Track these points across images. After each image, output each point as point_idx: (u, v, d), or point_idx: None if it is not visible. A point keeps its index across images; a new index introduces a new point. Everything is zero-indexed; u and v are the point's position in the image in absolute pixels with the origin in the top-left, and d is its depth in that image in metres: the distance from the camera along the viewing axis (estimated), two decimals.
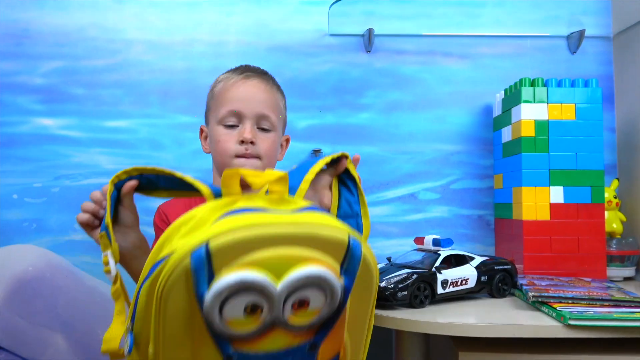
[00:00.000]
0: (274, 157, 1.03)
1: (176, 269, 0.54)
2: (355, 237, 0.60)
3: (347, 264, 0.59)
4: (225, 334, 0.56)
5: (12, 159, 1.43)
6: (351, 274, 0.59)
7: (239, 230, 0.54)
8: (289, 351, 0.59)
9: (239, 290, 0.53)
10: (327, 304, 0.58)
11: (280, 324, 0.57)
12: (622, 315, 0.83)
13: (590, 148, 1.19)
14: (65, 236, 1.42)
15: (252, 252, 0.54)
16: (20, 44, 1.44)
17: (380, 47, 1.46)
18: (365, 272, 0.61)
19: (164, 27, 1.46)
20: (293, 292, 0.55)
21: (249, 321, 0.55)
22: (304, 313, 0.57)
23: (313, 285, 0.56)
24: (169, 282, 0.54)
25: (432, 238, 1.05)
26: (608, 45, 1.46)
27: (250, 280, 0.53)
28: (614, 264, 1.24)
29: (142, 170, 0.74)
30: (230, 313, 0.54)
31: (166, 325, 0.57)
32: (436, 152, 1.45)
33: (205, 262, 0.53)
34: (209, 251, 0.53)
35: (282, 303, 0.55)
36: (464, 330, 0.85)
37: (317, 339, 0.60)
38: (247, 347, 0.57)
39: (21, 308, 1.39)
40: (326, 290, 0.57)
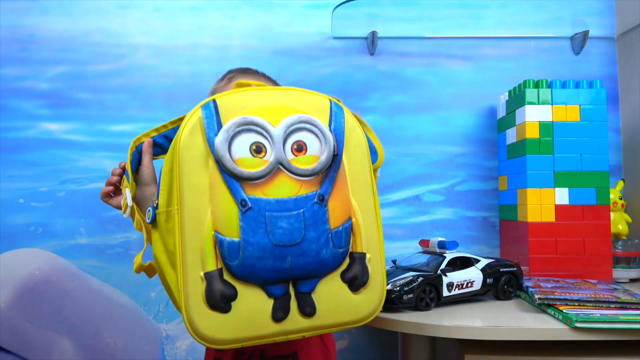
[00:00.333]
0: None
1: (191, 119, 0.65)
2: (336, 102, 0.72)
3: (334, 122, 0.70)
4: (236, 174, 0.64)
5: (18, 164, 1.43)
6: (339, 129, 0.70)
7: (239, 92, 0.68)
8: (299, 200, 0.65)
9: (243, 129, 0.64)
10: (323, 150, 0.67)
11: (284, 167, 0.65)
12: (629, 318, 0.83)
13: (595, 149, 1.19)
14: (71, 240, 1.43)
15: (251, 106, 0.67)
16: (25, 49, 1.45)
17: (384, 49, 1.47)
18: (351, 131, 0.71)
19: (168, 31, 1.46)
20: (290, 134, 0.66)
21: (255, 161, 0.64)
22: (304, 158, 0.66)
23: (305, 129, 0.67)
24: (185, 130, 0.65)
25: (437, 240, 1.05)
26: (612, 46, 1.46)
27: (252, 119, 0.65)
28: (620, 266, 1.23)
29: (159, 129, 0.83)
30: (238, 151, 0.64)
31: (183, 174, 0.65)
32: (441, 154, 1.45)
33: (213, 112, 0.66)
34: (216, 103, 0.66)
35: (282, 143, 0.65)
36: (470, 333, 0.85)
37: (323, 190, 0.66)
38: (258, 191, 0.64)
39: (28, 312, 1.39)
40: (319, 135, 0.67)
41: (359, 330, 1.41)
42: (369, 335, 1.41)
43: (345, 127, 0.70)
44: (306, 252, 0.64)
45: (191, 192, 0.64)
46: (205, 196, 0.64)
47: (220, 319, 0.63)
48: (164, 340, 1.42)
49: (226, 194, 0.63)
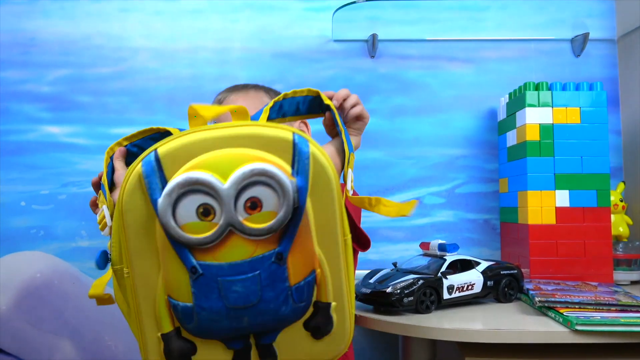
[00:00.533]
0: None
1: (130, 177, 0.59)
2: (301, 136, 0.61)
3: (297, 163, 0.60)
4: (183, 242, 0.58)
5: (19, 167, 1.44)
6: (303, 172, 0.60)
7: (185, 137, 0.60)
8: (254, 262, 0.58)
9: (187, 190, 0.57)
10: (281, 205, 0.58)
11: (236, 229, 0.58)
12: (630, 321, 0.83)
13: (596, 151, 1.19)
14: (72, 243, 1.43)
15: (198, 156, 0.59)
16: (26, 52, 1.46)
17: (384, 52, 1.47)
18: (319, 171, 0.61)
19: (169, 34, 1.47)
20: (242, 190, 0.57)
21: (203, 225, 0.57)
22: (258, 216, 0.58)
23: (261, 183, 0.57)
24: (126, 191, 0.60)
25: (437, 243, 1.05)
26: (612, 48, 1.46)
27: (196, 178, 0.56)
28: (621, 268, 1.23)
29: (130, 138, 0.78)
30: (183, 216, 0.57)
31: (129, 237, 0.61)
32: (441, 157, 1.45)
33: (155, 167, 0.59)
34: (158, 156, 0.59)
35: (232, 203, 0.57)
36: (470, 336, 0.85)
37: (281, 249, 0.59)
38: (209, 256, 0.58)
39: (29, 315, 1.39)
40: (276, 189, 0.57)
41: (359, 333, 1.41)
42: (369, 338, 1.41)
43: (310, 168, 0.60)
44: (264, 312, 0.60)
45: (139, 256, 0.62)
46: (155, 260, 0.61)
47: None
48: None
49: (175, 260, 0.59)
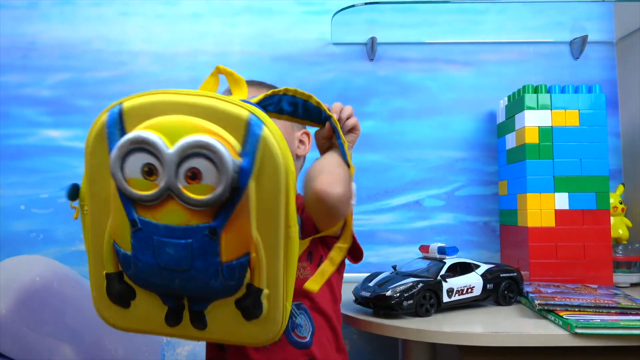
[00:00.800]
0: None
1: (96, 124, 0.63)
2: (259, 118, 0.61)
3: (247, 143, 0.60)
4: (127, 194, 0.60)
5: (19, 171, 1.44)
6: (250, 154, 0.60)
7: (149, 96, 0.62)
8: (187, 230, 0.60)
9: (136, 147, 0.59)
10: (220, 181, 0.58)
11: (175, 194, 0.59)
12: (629, 323, 0.83)
13: (595, 154, 1.19)
14: (72, 246, 1.43)
15: (155, 116, 0.61)
16: (27, 56, 1.46)
17: (384, 55, 1.47)
18: (267, 157, 0.61)
19: (168, 38, 1.47)
20: (184, 158, 0.59)
21: (146, 184, 0.60)
22: (197, 186, 0.59)
23: (203, 156, 0.58)
24: (92, 137, 0.64)
25: (437, 246, 1.05)
26: (611, 51, 1.46)
27: (145, 137, 0.59)
28: (621, 270, 1.23)
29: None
30: (130, 171, 0.60)
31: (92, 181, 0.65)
32: (440, 159, 1.45)
33: (117, 120, 0.62)
34: (122, 110, 0.62)
35: (174, 169, 0.59)
36: (470, 339, 0.85)
37: (216, 224, 0.60)
38: (149, 214, 0.61)
39: (29, 318, 1.39)
40: (217, 164, 0.58)
41: (359, 337, 1.41)
42: (369, 341, 1.41)
43: (259, 151, 0.60)
44: (194, 279, 0.62)
45: (94, 199, 0.66)
46: (107, 205, 0.64)
47: (120, 312, 0.69)
48: (165, 347, 1.42)
49: (121, 210, 0.62)
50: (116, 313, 0.69)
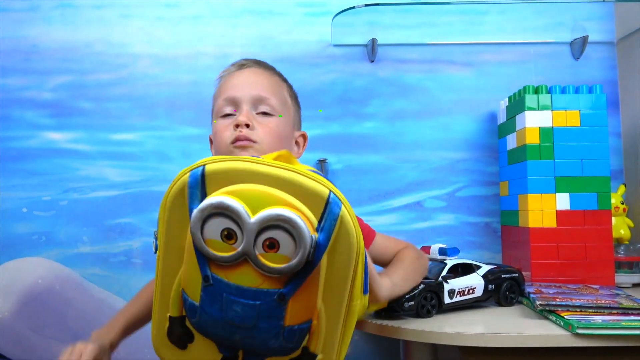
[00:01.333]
0: (279, 144, 0.91)
1: (177, 183, 0.65)
2: (337, 196, 0.63)
3: (325, 220, 0.62)
4: (204, 252, 0.63)
5: (21, 173, 1.44)
6: (327, 231, 0.62)
7: (233, 162, 0.64)
8: (258, 293, 0.62)
9: (218, 212, 0.61)
10: (297, 254, 0.60)
11: (251, 259, 0.62)
12: (631, 324, 0.83)
13: (596, 154, 1.19)
14: (74, 249, 1.43)
15: (236, 183, 0.63)
16: (28, 59, 1.46)
17: (384, 56, 1.47)
18: (343, 235, 0.63)
19: (169, 40, 1.48)
20: (264, 229, 0.61)
21: (224, 246, 0.62)
22: (273, 255, 0.61)
23: (283, 229, 0.60)
24: (172, 194, 0.66)
25: (438, 247, 1.05)
26: (612, 51, 1.46)
27: (228, 205, 0.61)
28: (622, 270, 1.23)
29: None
30: (209, 232, 0.62)
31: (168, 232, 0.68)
32: (441, 160, 1.45)
33: (199, 182, 0.64)
34: (204, 173, 0.64)
35: (253, 237, 0.61)
36: (472, 340, 0.85)
37: (285, 291, 0.62)
38: (222, 273, 0.63)
39: (31, 320, 1.40)
40: (296, 238, 0.60)
41: (360, 338, 1.41)
42: (370, 342, 1.41)
43: (335, 229, 0.62)
44: (255, 337, 0.64)
45: (168, 249, 0.68)
46: (180, 255, 0.67)
47: (177, 353, 0.71)
48: None
49: (195, 265, 0.64)
50: (172, 353, 0.72)
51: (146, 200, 1.44)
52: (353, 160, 1.45)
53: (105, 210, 1.43)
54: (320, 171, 1.42)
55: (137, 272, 1.42)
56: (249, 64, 0.95)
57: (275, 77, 0.97)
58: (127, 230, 1.43)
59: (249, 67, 0.95)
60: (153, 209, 1.43)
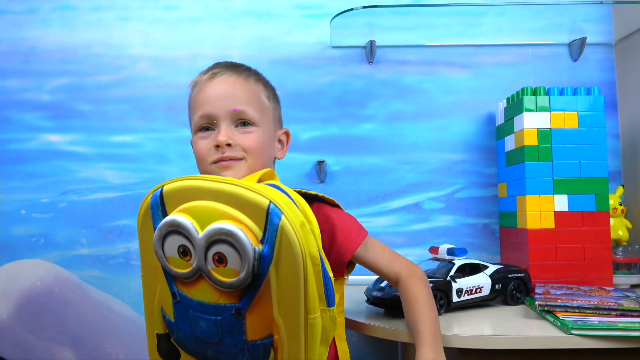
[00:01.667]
0: (264, 153, 0.88)
1: (143, 205, 0.70)
2: (278, 207, 0.63)
3: (267, 231, 0.63)
4: (167, 270, 0.67)
5: (20, 175, 1.44)
6: (270, 242, 0.63)
7: (186, 181, 0.67)
8: (217, 308, 0.65)
9: (172, 230, 0.65)
10: (243, 267, 0.62)
11: (205, 274, 0.64)
12: (627, 325, 0.83)
13: (594, 156, 1.19)
14: (72, 251, 1.43)
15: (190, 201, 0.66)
16: (27, 61, 1.47)
17: (382, 58, 1.47)
18: (285, 245, 0.63)
19: (168, 42, 1.48)
20: (212, 243, 0.63)
21: (182, 263, 0.65)
22: (224, 270, 0.63)
23: (227, 242, 0.62)
24: (140, 216, 0.70)
25: (446, 248, 1.08)
26: (610, 52, 1.46)
27: (179, 222, 0.64)
28: (621, 272, 1.23)
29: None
30: (169, 250, 0.66)
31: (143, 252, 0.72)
32: (440, 162, 1.45)
33: (159, 202, 0.68)
34: (162, 193, 0.68)
35: (203, 252, 0.63)
36: (469, 342, 0.85)
37: (241, 305, 0.64)
38: (186, 290, 0.67)
39: (29, 322, 1.40)
40: (239, 250, 0.62)
41: (359, 339, 1.41)
42: (369, 344, 1.41)
43: (277, 239, 0.62)
44: (223, 352, 0.67)
45: (146, 268, 0.73)
46: (156, 274, 0.71)
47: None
48: None
49: (164, 282, 0.69)
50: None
51: None
52: (351, 162, 1.45)
53: (104, 212, 1.44)
54: (319, 172, 1.42)
55: (135, 274, 1.42)
56: (221, 71, 0.89)
57: (250, 81, 0.90)
58: (126, 232, 1.43)
59: (220, 74, 0.88)
60: None
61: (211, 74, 0.89)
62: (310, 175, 1.43)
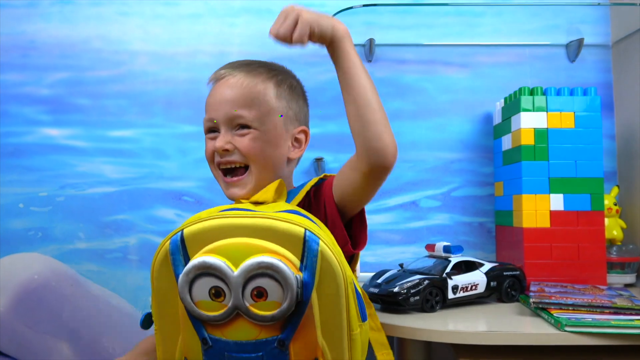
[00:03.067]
0: (266, 156, 0.86)
1: (160, 252, 0.67)
2: (313, 233, 0.65)
3: (306, 258, 0.64)
4: (197, 315, 0.64)
5: (18, 169, 1.45)
6: (311, 268, 0.64)
7: (208, 222, 0.66)
8: (257, 344, 0.63)
9: (202, 272, 0.63)
10: (285, 297, 0.62)
11: (243, 313, 0.63)
12: (620, 323, 0.84)
13: (590, 156, 1.20)
14: (70, 245, 1.43)
15: (215, 240, 0.64)
16: (26, 55, 1.47)
17: (381, 56, 1.48)
18: (326, 268, 0.64)
19: (167, 38, 1.48)
20: (249, 279, 0.62)
21: (214, 305, 0.63)
22: (263, 304, 0.63)
23: (267, 275, 0.62)
24: (156, 263, 0.67)
25: (442, 245, 1.09)
26: (607, 54, 1.47)
27: (210, 263, 0.62)
28: (615, 271, 1.24)
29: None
30: (198, 294, 0.63)
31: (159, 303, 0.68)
32: (437, 160, 1.46)
33: (179, 246, 0.65)
34: (183, 237, 0.65)
35: (240, 290, 0.62)
36: (464, 338, 0.86)
37: (284, 336, 0.63)
38: (218, 332, 0.64)
39: (26, 316, 1.40)
40: (281, 282, 0.62)
41: None
42: None
43: (318, 264, 0.63)
44: None
45: (165, 319, 0.70)
46: (176, 324, 0.68)
47: None
48: None
49: (191, 330, 0.66)
50: None
51: (142, 197, 1.44)
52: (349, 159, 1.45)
53: (102, 207, 1.44)
54: (317, 170, 1.43)
55: (132, 269, 1.43)
56: (225, 74, 0.88)
57: (256, 81, 0.88)
58: (123, 227, 1.43)
59: (224, 78, 0.88)
60: (149, 206, 1.44)
61: (219, 75, 0.89)
62: (309, 172, 1.44)
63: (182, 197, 1.44)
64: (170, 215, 1.43)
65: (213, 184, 1.30)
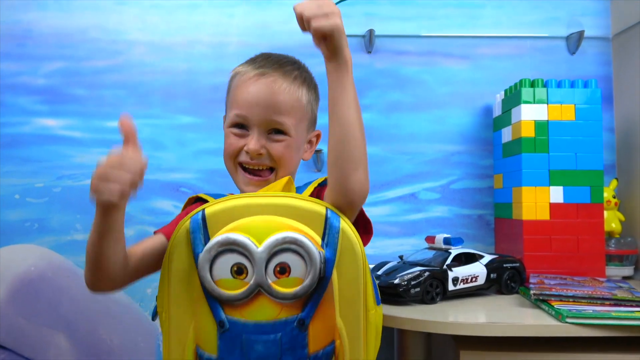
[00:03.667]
0: (292, 162, 0.87)
1: (180, 231, 0.67)
2: (334, 211, 0.67)
3: (327, 236, 0.66)
4: (215, 295, 0.64)
5: (14, 160, 1.43)
6: (332, 245, 0.65)
7: (231, 201, 0.67)
8: (277, 325, 0.63)
9: (225, 249, 0.63)
10: (308, 273, 0.63)
11: (264, 290, 0.63)
12: (620, 314, 0.84)
13: (590, 148, 1.20)
14: (67, 236, 1.43)
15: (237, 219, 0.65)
16: (22, 45, 1.45)
17: (381, 47, 1.47)
18: (347, 246, 0.66)
19: (165, 28, 1.46)
20: (273, 255, 0.63)
21: (236, 283, 0.63)
22: (286, 280, 0.63)
23: (291, 250, 0.63)
24: (174, 242, 0.67)
25: (443, 237, 1.09)
26: (607, 46, 1.47)
27: (234, 239, 0.63)
28: (613, 264, 1.25)
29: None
30: (219, 272, 0.63)
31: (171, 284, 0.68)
32: (437, 153, 1.46)
33: (201, 225, 0.66)
34: (204, 216, 0.66)
35: (264, 266, 0.63)
36: (465, 329, 0.86)
37: (304, 315, 0.64)
38: (237, 313, 0.64)
39: (23, 308, 1.39)
40: (304, 257, 0.63)
41: None
42: None
43: (339, 242, 0.65)
44: None
45: (176, 304, 0.68)
46: (189, 308, 0.67)
47: None
48: (160, 337, 1.42)
49: (207, 312, 0.65)
50: None
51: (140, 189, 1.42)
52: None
53: None
54: (317, 162, 1.42)
55: None
56: (269, 72, 0.85)
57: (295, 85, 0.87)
58: None
59: (267, 76, 0.84)
60: (147, 197, 1.43)
61: (259, 72, 0.85)
62: (308, 164, 1.43)
63: (179, 189, 1.43)
64: (168, 207, 1.42)
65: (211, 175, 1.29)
